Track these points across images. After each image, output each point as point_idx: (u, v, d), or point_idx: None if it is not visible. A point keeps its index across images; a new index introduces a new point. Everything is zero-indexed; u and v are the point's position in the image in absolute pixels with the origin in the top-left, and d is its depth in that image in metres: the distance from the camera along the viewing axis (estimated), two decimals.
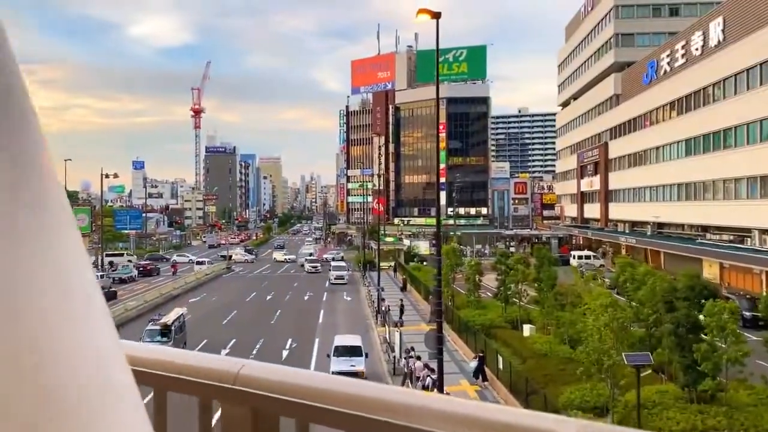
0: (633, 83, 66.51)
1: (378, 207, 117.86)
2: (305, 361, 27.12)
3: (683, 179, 53.80)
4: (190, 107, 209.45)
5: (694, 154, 51.33)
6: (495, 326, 29.64)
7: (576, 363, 22.71)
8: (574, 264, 58.30)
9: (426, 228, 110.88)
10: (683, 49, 53.43)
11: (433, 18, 15.06)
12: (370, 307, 41.02)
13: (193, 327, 34.93)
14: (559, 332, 25.49)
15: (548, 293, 27.31)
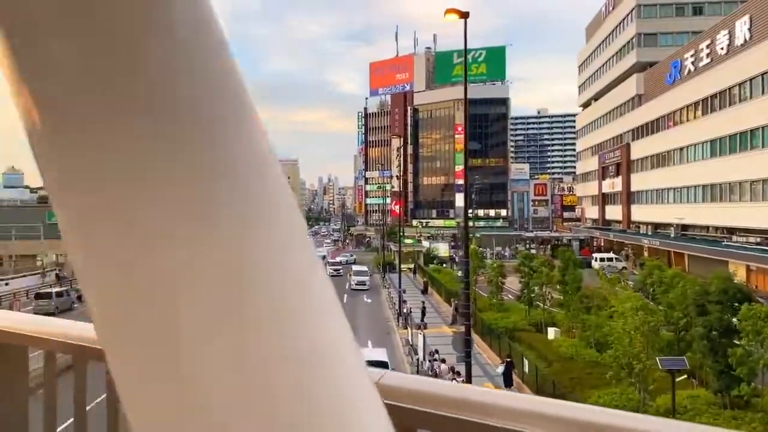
0: (656, 83, 65.70)
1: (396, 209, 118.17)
2: None
3: (708, 180, 52.98)
4: None
5: (720, 155, 50.53)
6: (519, 329, 29.38)
7: (602, 366, 22.47)
8: (596, 266, 57.74)
9: (444, 230, 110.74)
10: (708, 48, 52.67)
11: (461, 18, 14.93)
12: (391, 309, 40.92)
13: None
14: (585, 335, 25.17)
15: (573, 296, 26.99)
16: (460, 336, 17.04)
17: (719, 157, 50.60)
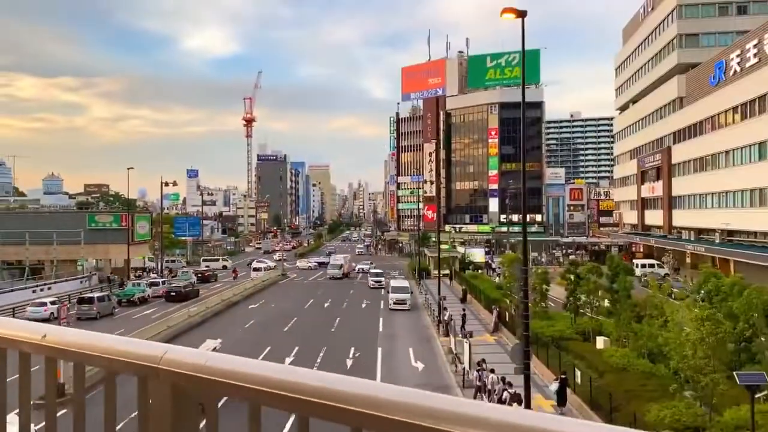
0: (699, 85, 63.91)
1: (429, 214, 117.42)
2: (371, 370, 26.63)
3: (757, 185, 51.17)
4: (242, 116, 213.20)
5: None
6: (565, 338, 28.51)
7: (658, 378, 21.56)
8: (638, 273, 56.27)
9: (478, 235, 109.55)
10: (755, 48, 50.93)
11: (518, 17, 14.41)
12: (430, 316, 40.32)
13: (256, 334, 35.05)
14: (638, 345, 24.23)
15: (624, 304, 26.07)
16: (518, 347, 16.38)
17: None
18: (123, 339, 1.40)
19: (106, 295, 42.91)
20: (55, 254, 59.81)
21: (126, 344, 1.36)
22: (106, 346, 1.38)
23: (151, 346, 1.32)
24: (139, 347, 1.34)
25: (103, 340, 1.42)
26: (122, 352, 1.34)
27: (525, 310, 16.18)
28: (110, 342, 1.40)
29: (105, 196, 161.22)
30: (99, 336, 1.44)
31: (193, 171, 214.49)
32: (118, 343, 1.38)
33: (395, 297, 42.81)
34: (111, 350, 1.36)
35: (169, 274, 65.12)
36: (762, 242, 52.43)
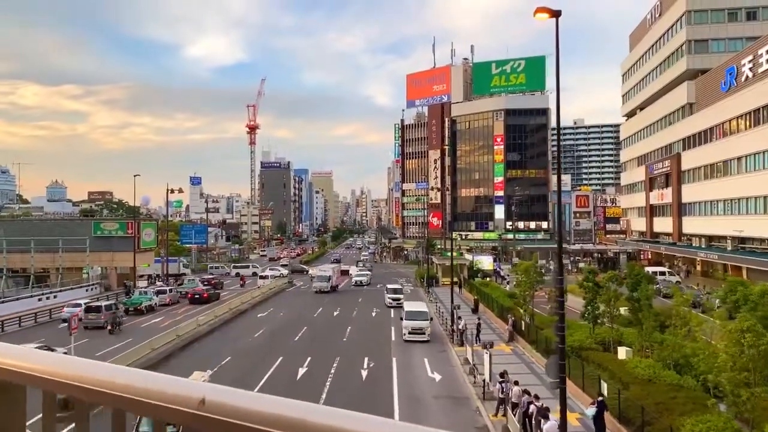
0: (709, 91, 63.42)
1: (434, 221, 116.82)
2: (387, 381, 26.00)
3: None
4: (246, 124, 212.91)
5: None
6: (585, 348, 27.78)
7: (687, 390, 20.88)
8: None
9: (484, 242, 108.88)
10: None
11: (552, 17, 13.90)
12: (442, 325, 39.66)
13: (266, 343, 34.41)
14: (663, 356, 23.55)
15: (647, 313, 25.39)
16: (554, 360, 15.74)
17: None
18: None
19: (114, 304, 42.30)
20: (61, 262, 59.29)
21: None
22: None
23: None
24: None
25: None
26: None
27: (561, 321, 15.55)
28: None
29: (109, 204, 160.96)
30: None
31: (197, 178, 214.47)
32: None
33: (411, 325, 35.17)
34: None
35: (175, 282, 64.51)
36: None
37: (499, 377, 21.65)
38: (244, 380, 25.82)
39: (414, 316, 35.69)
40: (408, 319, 35.61)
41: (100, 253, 61.90)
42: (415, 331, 34.88)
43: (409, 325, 35.13)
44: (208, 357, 30.52)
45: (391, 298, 50.33)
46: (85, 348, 30.83)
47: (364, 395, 23.93)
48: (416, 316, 35.71)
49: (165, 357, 29.86)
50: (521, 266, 36.73)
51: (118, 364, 1.10)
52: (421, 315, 36.16)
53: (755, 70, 52.74)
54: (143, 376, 1.11)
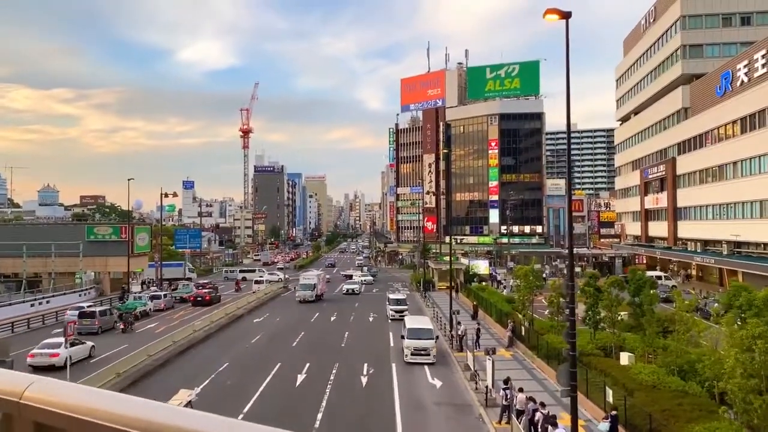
0: (704, 95, 63.58)
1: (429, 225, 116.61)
2: (387, 387, 25.68)
3: (765, 196, 50.66)
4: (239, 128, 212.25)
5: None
6: (586, 353, 27.50)
7: (692, 396, 20.68)
8: None
9: (478, 246, 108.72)
10: (764, 58, 50.62)
11: (562, 18, 13.70)
12: (441, 330, 39.37)
13: (264, 349, 34.01)
14: (667, 361, 23.37)
15: (650, 318, 25.22)
16: (565, 368, 15.47)
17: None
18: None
19: (108, 309, 41.78)
20: (53, 267, 58.63)
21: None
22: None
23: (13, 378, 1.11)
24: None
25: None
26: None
27: (572, 328, 15.29)
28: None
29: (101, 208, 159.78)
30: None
31: (189, 182, 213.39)
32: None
33: (414, 345, 30.41)
34: None
35: (169, 287, 63.97)
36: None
37: (503, 384, 21.36)
38: (242, 387, 25.45)
39: (417, 334, 30.88)
40: (410, 337, 30.70)
41: (94, 258, 61.31)
42: (418, 351, 30.29)
43: (411, 344, 30.46)
44: (205, 363, 30.11)
45: (394, 309, 44.69)
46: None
47: (365, 402, 23.61)
48: (420, 334, 30.90)
49: (162, 364, 29.41)
50: (520, 271, 36.49)
51: (117, 372, 1.13)
52: (425, 333, 31.16)
53: (751, 74, 52.88)
54: None
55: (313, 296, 55.97)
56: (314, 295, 56.17)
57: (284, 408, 22.79)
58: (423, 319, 34.97)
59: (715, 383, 21.26)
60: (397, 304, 45.49)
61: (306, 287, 56.75)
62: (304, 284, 57.36)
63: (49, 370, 26.64)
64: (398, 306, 45.00)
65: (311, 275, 59.81)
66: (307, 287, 56.71)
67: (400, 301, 46.25)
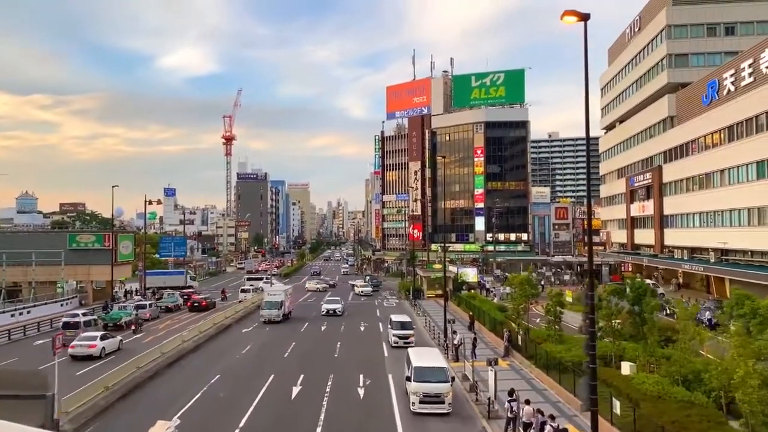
0: (690, 104, 64.10)
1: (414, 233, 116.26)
2: (386, 399, 25.05)
3: (754, 203, 51.01)
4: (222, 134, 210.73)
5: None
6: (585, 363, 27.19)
7: (699, 407, 20.34)
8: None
9: (464, 254, 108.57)
10: (751, 67, 51.09)
11: (581, 20, 13.34)
12: (435, 339, 38.83)
13: (255, 361, 33.20)
14: (671, 371, 23.05)
15: (652, 327, 24.93)
16: (585, 380, 14.99)
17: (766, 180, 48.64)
18: None
19: (93, 320, 40.64)
20: (34, 276, 57.18)
21: None
22: None
23: None
24: None
25: None
26: None
27: (591, 339, 14.84)
28: None
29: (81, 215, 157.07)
30: None
31: (171, 190, 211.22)
32: None
33: (423, 390, 23.00)
34: None
35: (153, 296, 62.75)
36: (759, 261, 52.13)
37: (508, 396, 20.85)
38: (236, 399, 24.67)
39: (427, 375, 23.35)
40: (419, 379, 23.16)
41: (76, 267, 59.92)
42: (429, 398, 22.94)
43: (419, 389, 22.98)
44: (196, 375, 29.25)
45: (398, 335, 36.65)
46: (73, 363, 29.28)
47: (364, 415, 22.96)
48: (430, 375, 23.35)
49: (151, 376, 28.48)
50: (516, 279, 36.12)
51: (105, 385, 1.08)
52: (437, 374, 23.50)
53: (738, 83, 53.36)
54: None
55: (279, 316, 47.93)
56: (281, 315, 48.06)
57: (281, 421, 22.07)
58: (433, 354, 26.98)
59: (722, 393, 21.04)
60: (401, 328, 37.23)
61: (271, 305, 48.49)
62: (268, 301, 48.88)
63: (87, 359, 32.33)
64: (403, 331, 36.98)
65: (276, 290, 51.79)
66: (272, 305, 48.46)
67: (406, 324, 37.76)
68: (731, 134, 54.65)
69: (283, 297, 49.46)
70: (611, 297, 27.69)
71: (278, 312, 47.91)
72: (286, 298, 50.27)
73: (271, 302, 48.57)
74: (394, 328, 37.57)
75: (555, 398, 25.32)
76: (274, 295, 49.76)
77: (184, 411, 22.91)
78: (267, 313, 47.94)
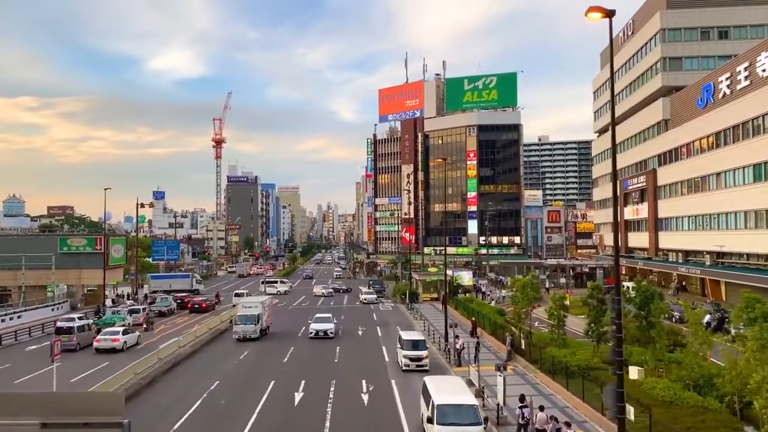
0: (685, 107, 64.21)
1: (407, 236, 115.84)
2: (391, 405, 24.56)
3: (751, 206, 51.05)
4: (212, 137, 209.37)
5: (766, 180, 48.58)
6: (592, 367, 26.84)
7: (713, 413, 20.03)
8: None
9: (457, 257, 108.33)
10: (747, 70, 51.17)
11: (606, 17, 13.02)
12: (435, 344, 38.38)
13: (254, 366, 32.62)
14: (682, 375, 22.75)
15: (660, 331, 24.63)
16: (611, 387, 14.62)
17: (765, 183, 48.66)
18: None
19: (87, 325, 39.83)
20: (24, 280, 56.18)
21: None
22: None
23: None
24: None
25: None
26: None
27: (618, 345, 14.46)
28: None
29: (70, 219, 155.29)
30: None
31: (160, 193, 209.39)
32: None
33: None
34: None
35: (145, 300, 61.82)
36: (755, 264, 52.18)
37: (519, 402, 20.44)
38: (238, 406, 24.10)
39: (453, 416, 18.41)
40: (442, 421, 18.27)
41: (67, 270, 58.95)
42: None
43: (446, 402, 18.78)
44: (195, 381, 28.64)
45: (410, 357, 30.45)
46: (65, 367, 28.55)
47: (371, 422, 22.47)
48: (458, 416, 18.44)
49: (149, 383, 27.82)
50: (517, 283, 35.75)
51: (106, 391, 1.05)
52: (466, 414, 18.66)
53: (733, 87, 53.43)
54: None
55: (256, 332, 41.08)
56: (257, 330, 41.29)
57: (286, 429, 21.54)
58: (457, 385, 21.49)
59: (736, 398, 20.75)
60: (413, 347, 30.92)
61: (246, 320, 41.24)
62: (243, 315, 41.61)
63: (111, 351, 35.88)
64: (415, 351, 30.65)
65: (253, 303, 43.76)
66: (247, 320, 41.21)
67: (418, 343, 31.35)
68: (727, 137, 54.72)
69: (261, 309, 42.28)
70: None
71: (255, 327, 41.06)
72: (265, 311, 43.26)
73: (247, 316, 41.45)
74: (404, 347, 31.14)
75: (563, 403, 24.94)
76: (250, 308, 42.35)
77: (185, 419, 22.31)
78: (242, 330, 40.94)
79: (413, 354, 30.62)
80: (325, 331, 41.66)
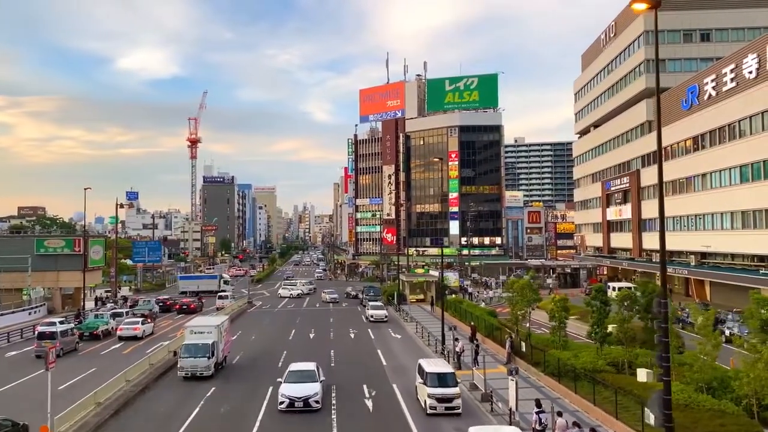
0: (669, 109, 64.63)
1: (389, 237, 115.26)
2: (398, 412, 23.81)
3: (737, 207, 51.51)
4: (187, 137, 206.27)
5: (753, 180, 49.04)
6: (598, 370, 26.44)
7: (732, 416, 19.73)
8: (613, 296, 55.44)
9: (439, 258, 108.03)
10: (733, 72, 51.63)
11: (652, 8, 12.54)
12: (430, 346, 37.76)
13: (250, 371, 31.59)
14: (695, 378, 22.44)
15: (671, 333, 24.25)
16: (658, 394, 14.11)
17: (752, 183, 49.11)
18: None
19: (70, 330, 38.32)
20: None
21: None
22: None
23: None
24: None
25: None
26: None
27: (665, 351, 13.95)
28: None
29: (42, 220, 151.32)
30: None
31: (133, 194, 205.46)
32: None
33: None
34: None
35: (125, 303, 60.10)
36: (741, 264, 52.69)
37: (535, 407, 19.88)
38: (239, 414, 23.14)
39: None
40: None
41: (44, 273, 57.00)
42: None
43: None
44: (191, 387, 27.54)
45: (438, 397, 22.50)
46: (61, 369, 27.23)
47: (378, 428, 21.70)
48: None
49: (142, 390, 26.65)
50: (516, 284, 35.32)
51: (96, 401, 0.99)
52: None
53: (719, 88, 53.90)
54: None
55: (209, 368, 29.32)
56: (211, 366, 29.46)
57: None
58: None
59: (753, 401, 20.48)
60: (441, 383, 22.94)
61: (196, 350, 29.44)
62: (190, 345, 29.73)
63: (132, 339, 41.61)
64: (444, 389, 22.77)
65: (205, 326, 31.35)
66: (197, 350, 29.40)
67: (447, 377, 23.40)
68: (713, 138, 55.19)
69: (216, 337, 30.68)
70: (623, 302, 27.02)
71: (207, 362, 29.24)
72: (221, 338, 31.66)
73: (197, 346, 29.57)
74: (429, 383, 23.00)
75: (571, 407, 24.48)
76: (201, 334, 30.55)
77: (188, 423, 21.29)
78: (189, 364, 29.03)
79: (441, 393, 22.63)
80: (305, 399, 23.57)
